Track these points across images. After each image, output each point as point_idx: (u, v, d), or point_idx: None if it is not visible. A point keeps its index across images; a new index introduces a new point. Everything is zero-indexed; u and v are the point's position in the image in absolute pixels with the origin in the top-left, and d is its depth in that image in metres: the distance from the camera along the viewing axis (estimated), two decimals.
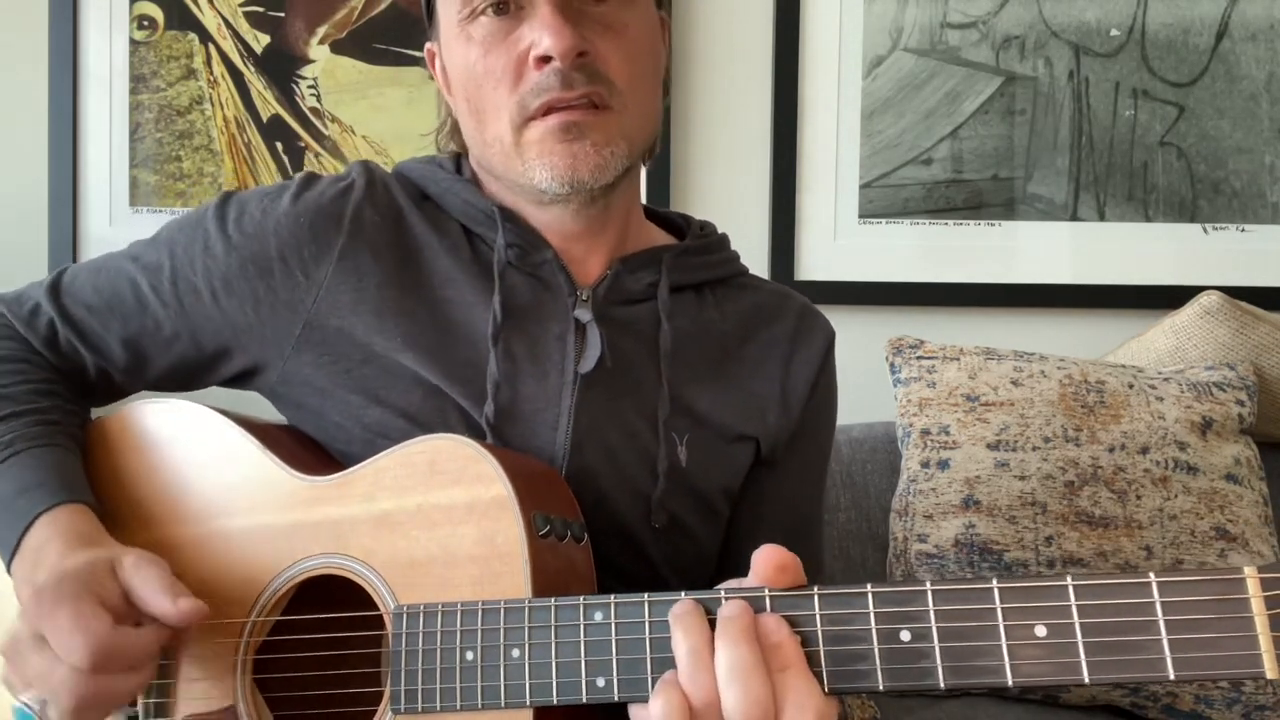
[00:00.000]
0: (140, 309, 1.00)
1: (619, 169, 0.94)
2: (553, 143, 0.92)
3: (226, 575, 0.91)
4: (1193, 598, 0.65)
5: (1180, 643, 0.65)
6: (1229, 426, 1.59)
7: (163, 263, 1.00)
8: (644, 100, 0.96)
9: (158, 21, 1.89)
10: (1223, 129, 1.93)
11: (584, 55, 0.90)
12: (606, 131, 0.93)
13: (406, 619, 0.82)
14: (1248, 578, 0.64)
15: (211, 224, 0.99)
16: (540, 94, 0.91)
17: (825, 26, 1.92)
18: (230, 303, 0.98)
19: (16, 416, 0.94)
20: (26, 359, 1.00)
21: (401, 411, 0.95)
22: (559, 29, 0.89)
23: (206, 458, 0.96)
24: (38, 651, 0.79)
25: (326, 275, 0.97)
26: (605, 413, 0.96)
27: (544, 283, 0.98)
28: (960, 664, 0.68)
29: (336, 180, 1.02)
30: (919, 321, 1.91)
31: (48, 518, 0.87)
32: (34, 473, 0.90)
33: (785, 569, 0.73)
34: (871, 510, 1.68)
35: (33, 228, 1.90)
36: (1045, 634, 0.67)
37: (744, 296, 1.08)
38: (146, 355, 1.01)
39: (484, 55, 0.93)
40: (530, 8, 0.91)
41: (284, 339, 0.98)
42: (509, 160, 0.95)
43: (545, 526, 0.83)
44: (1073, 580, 0.67)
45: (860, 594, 0.71)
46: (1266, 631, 0.63)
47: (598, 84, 0.91)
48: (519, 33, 0.91)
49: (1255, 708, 1.47)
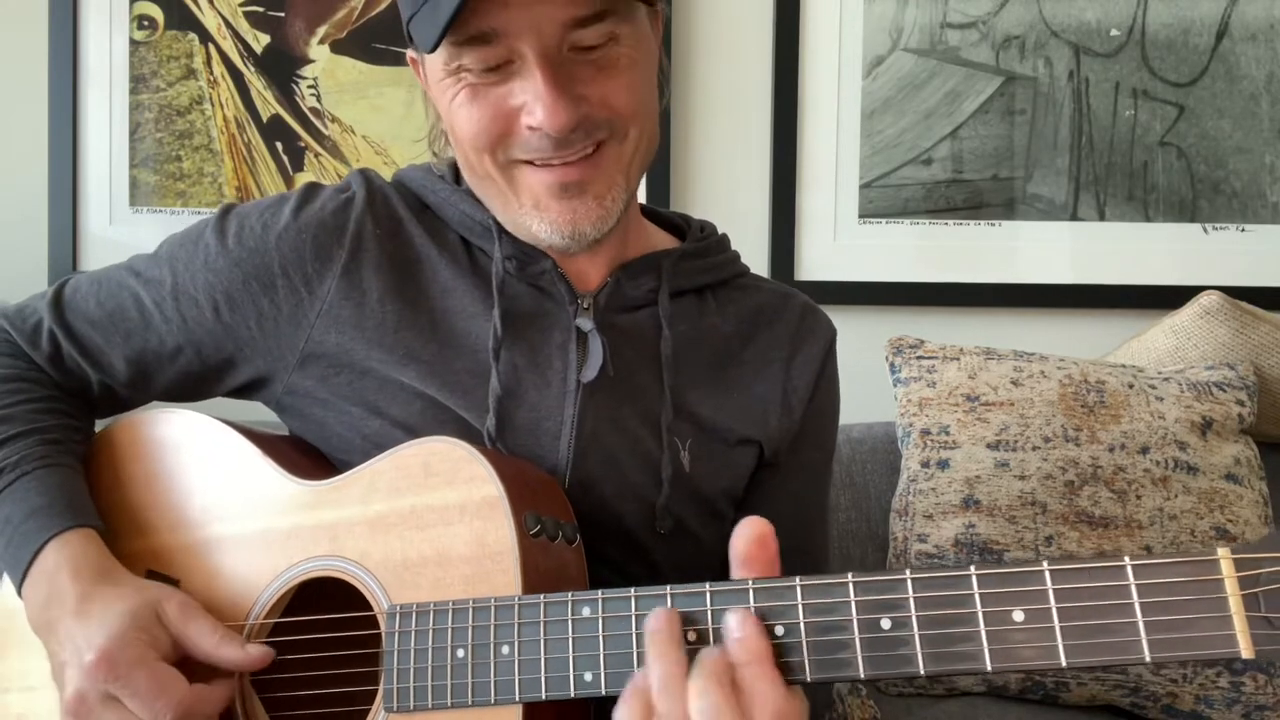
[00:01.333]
0: (143, 324, 1.00)
1: (620, 209, 0.92)
2: (549, 199, 0.90)
3: (225, 580, 0.92)
4: (1167, 580, 0.66)
5: (1156, 624, 0.65)
6: (1229, 426, 1.59)
7: (164, 278, 1.00)
8: (646, 122, 0.93)
9: (158, 21, 1.90)
10: (1223, 129, 1.93)
11: (583, 116, 0.86)
12: (607, 176, 0.90)
13: (399, 618, 0.83)
14: (1221, 559, 0.65)
15: (212, 238, 0.99)
16: (532, 152, 0.88)
17: (825, 26, 1.92)
18: (233, 317, 0.98)
19: (21, 437, 0.94)
20: (29, 377, 1.00)
21: (401, 423, 0.95)
22: (553, 103, 0.84)
23: (206, 464, 0.97)
24: (111, 709, 0.82)
25: (329, 290, 0.97)
26: (608, 420, 0.96)
27: (544, 292, 0.98)
28: (940, 650, 0.69)
29: (337, 192, 1.01)
30: (919, 321, 1.91)
31: (56, 544, 0.88)
32: (40, 496, 0.91)
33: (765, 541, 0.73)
34: (871, 510, 1.68)
35: (33, 228, 1.90)
36: (1023, 619, 0.67)
37: (745, 297, 1.08)
38: (149, 370, 1.01)
39: (470, 101, 0.88)
40: (521, 64, 0.86)
41: (287, 353, 0.98)
42: (505, 199, 0.93)
43: (536, 526, 0.83)
44: (1049, 566, 0.68)
45: (842, 583, 0.71)
46: (1240, 612, 0.64)
47: (596, 132, 0.88)
48: (510, 87, 0.87)
49: (1255, 707, 1.46)
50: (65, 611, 0.84)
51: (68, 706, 0.83)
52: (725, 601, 0.74)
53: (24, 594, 0.88)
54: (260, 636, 0.91)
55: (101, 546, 0.90)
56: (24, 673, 0.94)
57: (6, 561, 0.90)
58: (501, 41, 0.84)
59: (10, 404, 0.97)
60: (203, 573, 0.93)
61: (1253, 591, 0.64)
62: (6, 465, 0.92)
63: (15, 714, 0.94)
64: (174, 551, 0.94)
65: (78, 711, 0.82)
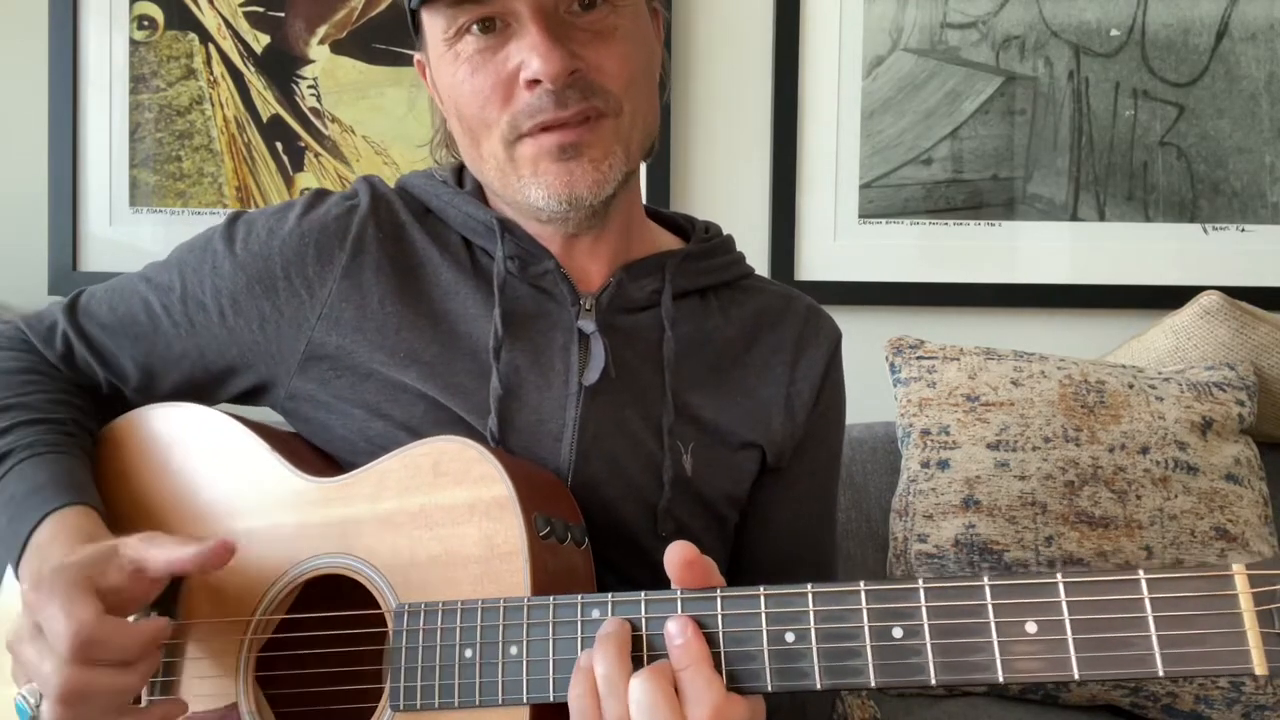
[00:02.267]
0: (152, 327, 1.01)
1: (618, 179, 0.93)
2: (548, 163, 0.90)
3: (232, 575, 0.91)
4: (1182, 594, 0.65)
5: (1169, 639, 0.65)
6: (1229, 426, 1.59)
7: (173, 283, 1.01)
8: (641, 101, 0.94)
9: (158, 21, 1.89)
10: (1223, 129, 1.93)
11: (576, 72, 0.88)
12: (604, 144, 0.91)
13: (407, 617, 0.83)
14: (1235, 574, 0.65)
15: (220, 244, 1.01)
16: (534, 115, 0.89)
17: (825, 26, 1.92)
18: (238, 321, 0.99)
19: (36, 423, 0.96)
20: (45, 372, 1.02)
21: (404, 425, 0.95)
22: (548, 52, 0.86)
23: (214, 460, 0.97)
24: (33, 642, 0.78)
25: (330, 292, 0.98)
26: (610, 423, 0.96)
27: (547, 293, 0.98)
28: (952, 660, 0.69)
29: (343, 199, 1.02)
30: (919, 321, 1.91)
31: (55, 517, 0.88)
32: (44, 474, 0.91)
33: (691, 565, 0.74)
34: (871, 510, 1.68)
35: (33, 228, 1.90)
36: (1036, 631, 0.67)
37: (749, 299, 1.07)
38: (156, 373, 1.02)
39: (472, 74, 0.90)
40: (517, 24, 0.88)
41: (290, 356, 0.99)
42: (504, 176, 0.94)
43: (546, 528, 0.83)
44: (1063, 578, 0.68)
45: (853, 591, 0.71)
46: (1255, 628, 0.64)
47: (592, 98, 0.89)
48: (507, 51, 0.89)
49: (1255, 707, 1.47)
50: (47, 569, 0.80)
51: (7, 642, 0.80)
52: (735, 606, 0.74)
53: (20, 569, 0.87)
54: (266, 633, 0.90)
55: (99, 521, 0.89)
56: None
57: (8, 537, 0.89)
58: (497, 0, 0.87)
59: (26, 393, 0.98)
60: None
61: (1267, 608, 0.64)
62: (18, 447, 0.93)
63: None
64: None
65: (12, 645, 0.80)
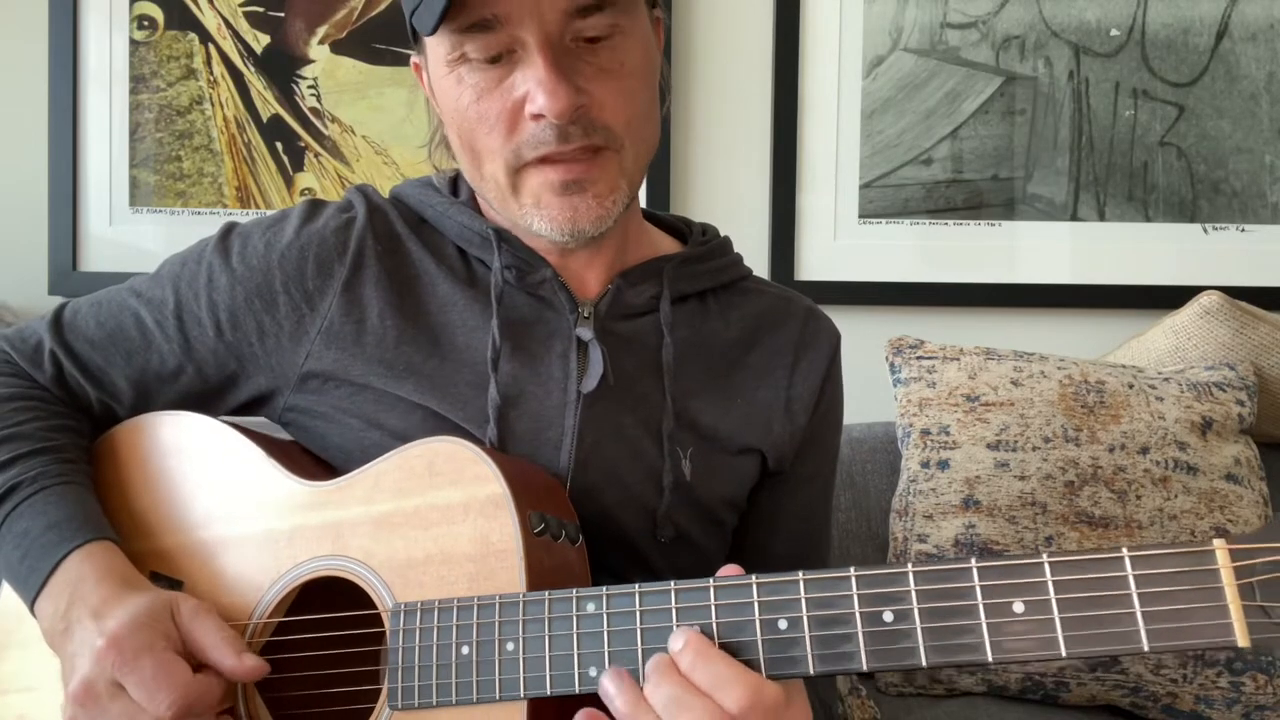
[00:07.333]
0: (145, 344, 0.99)
1: (620, 210, 0.92)
2: (551, 196, 0.90)
3: (229, 580, 0.92)
4: (1164, 570, 0.67)
5: (1154, 615, 0.66)
6: (1229, 426, 1.59)
7: (166, 297, 0.99)
8: (644, 133, 0.93)
9: (158, 21, 1.90)
10: (1223, 129, 1.93)
11: (580, 108, 0.87)
12: (609, 179, 0.90)
13: (404, 616, 0.83)
14: (1217, 549, 0.66)
15: (215, 257, 0.99)
16: (537, 147, 0.88)
17: (825, 26, 1.92)
18: (236, 335, 0.98)
19: (35, 454, 0.94)
20: (35, 395, 1.00)
21: (400, 434, 0.94)
22: (554, 88, 0.84)
23: (209, 465, 0.96)
24: (116, 700, 0.80)
25: (330, 307, 0.97)
26: (608, 429, 0.96)
27: (545, 301, 0.98)
28: (941, 643, 0.70)
29: (340, 210, 1.01)
30: (919, 321, 1.91)
31: (80, 554, 0.88)
32: (59, 510, 0.90)
33: None
34: (871, 510, 1.68)
35: (33, 227, 1.90)
36: (1023, 610, 0.69)
37: (748, 302, 1.07)
38: (151, 390, 1.01)
39: (477, 100, 0.89)
40: (523, 52, 0.86)
41: (289, 369, 0.98)
42: (505, 201, 0.93)
43: (540, 525, 0.83)
44: (1048, 558, 0.69)
45: (844, 577, 0.72)
46: (1236, 601, 0.65)
47: (594, 135, 0.88)
48: (512, 80, 0.87)
49: (1255, 707, 1.46)
50: (85, 612, 0.83)
51: (74, 695, 0.81)
52: (729, 597, 0.75)
53: (39, 605, 0.87)
54: (264, 636, 0.90)
55: (124, 558, 0.90)
56: (21, 674, 0.94)
57: (21, 573, 0.89)
58: (503, 29, 0.85)
59: (21, 421, 0.96)
60: (206, 573, 0.93)
61: (1248, 581, 0.65)
62: (24, 480, 0.92)
63: (16, 714, 0.93)
64: (177, 553, 0.94)
65: (84, 700, 0.81)
